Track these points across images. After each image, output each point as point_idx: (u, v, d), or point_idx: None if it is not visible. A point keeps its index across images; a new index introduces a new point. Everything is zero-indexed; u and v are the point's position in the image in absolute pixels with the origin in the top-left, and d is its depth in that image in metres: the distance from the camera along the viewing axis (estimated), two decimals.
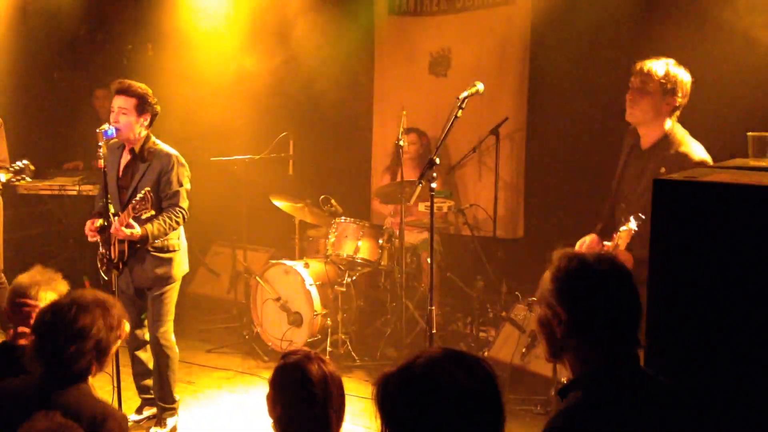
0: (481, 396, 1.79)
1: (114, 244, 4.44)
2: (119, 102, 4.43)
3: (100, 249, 4.55)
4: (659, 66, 3.71)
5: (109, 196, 4.49)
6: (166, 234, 4.42)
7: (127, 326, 3.00)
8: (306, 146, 6.86)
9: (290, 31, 7.14)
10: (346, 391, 2.75)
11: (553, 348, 2.15)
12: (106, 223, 4.41)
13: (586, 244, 3.96)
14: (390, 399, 1.82)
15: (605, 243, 3.79)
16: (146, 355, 4.77)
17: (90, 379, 2.85)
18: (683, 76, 3.72)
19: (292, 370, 2.69)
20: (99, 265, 4.61)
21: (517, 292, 5.72)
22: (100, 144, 4.23)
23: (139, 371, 4.84)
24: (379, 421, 1.83)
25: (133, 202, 4.21)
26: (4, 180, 5.50)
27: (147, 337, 4.70)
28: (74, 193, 7.10)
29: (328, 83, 6.85)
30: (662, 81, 3.68)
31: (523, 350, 5.21)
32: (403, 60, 7.03)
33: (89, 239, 4.55)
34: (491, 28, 6.49)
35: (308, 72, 7.02)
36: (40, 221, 7.09)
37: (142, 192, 4.18)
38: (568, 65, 5.88)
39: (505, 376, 5.26)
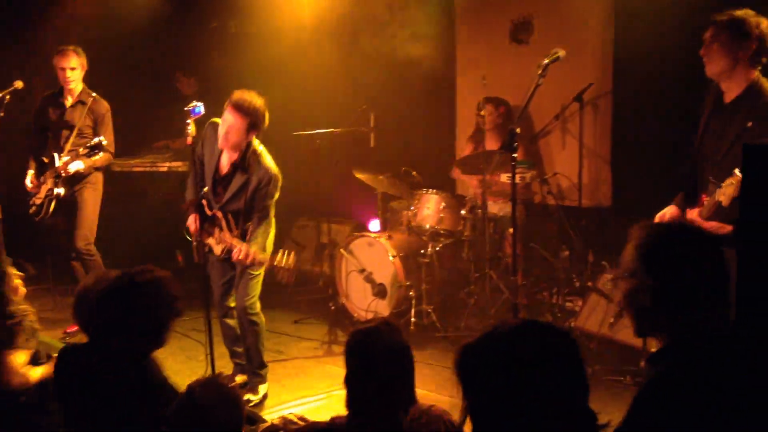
0: (563, 367, 1.76)
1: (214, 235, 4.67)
2: (232, 118, 4.46)
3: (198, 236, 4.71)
4: (726, 15, 3.57)
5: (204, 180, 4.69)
6: (264, 247, 4.63)
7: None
8: (388, 118, 6.86)
9: (371, 3, 7.12)
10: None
11: (642, 321, 2.12)
12: (207, 214, 4.61)
13: (666, 216, 3.82)
14: (470, 369, 1.83)
15: (689, 210, 3.67)
16: (234, 321, 4.93)
17: None
18: (756, 21, 3.54)
19: (360, 337, 2.71)
20: (195, 244, 4.79)
21: (604, 262, 5.61)
22: (188, 122, 4.29)
23: (229, 336, 5.01)
24: (460, 391, 1.84)
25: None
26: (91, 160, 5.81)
27: (233, 304, 4.87)
28: (165, 169, 7.33)
29: (410, 54, 6.82)
30: (730, 27, 3.54)
31: (611, 320, 5.11)
32: (485, 28, 6.93)
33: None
34: None
35: (389, 43, 7.00)
36: (130, 198, 7.31)
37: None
38: (654, 27, 5.67)
39: (592, 346, 5.20)
